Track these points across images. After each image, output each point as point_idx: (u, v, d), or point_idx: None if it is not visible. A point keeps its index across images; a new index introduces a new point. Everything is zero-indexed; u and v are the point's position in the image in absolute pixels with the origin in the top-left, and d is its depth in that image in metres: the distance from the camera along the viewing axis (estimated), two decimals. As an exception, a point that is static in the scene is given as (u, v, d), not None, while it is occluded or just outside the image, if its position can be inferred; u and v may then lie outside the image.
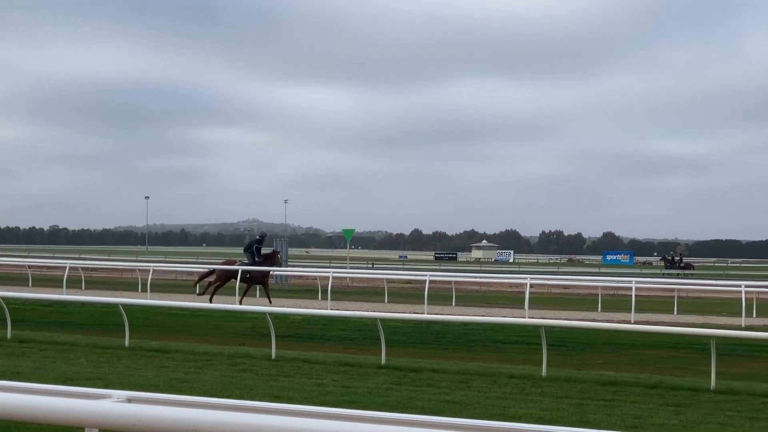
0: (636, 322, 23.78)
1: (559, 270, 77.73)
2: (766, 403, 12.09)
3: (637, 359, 17.40)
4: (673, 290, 33.63)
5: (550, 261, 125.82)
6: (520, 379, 13.68)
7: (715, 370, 13.42)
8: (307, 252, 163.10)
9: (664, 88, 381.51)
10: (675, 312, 28.67)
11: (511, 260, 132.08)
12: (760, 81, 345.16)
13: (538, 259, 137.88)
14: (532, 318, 23.13)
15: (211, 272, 30.48)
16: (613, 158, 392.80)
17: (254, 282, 29.74)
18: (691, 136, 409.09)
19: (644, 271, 76.74)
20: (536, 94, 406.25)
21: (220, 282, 29.09)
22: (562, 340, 18.86)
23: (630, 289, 28.99)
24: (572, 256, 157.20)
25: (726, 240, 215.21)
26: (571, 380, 13.72)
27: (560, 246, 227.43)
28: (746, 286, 28.65)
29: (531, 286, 29.48)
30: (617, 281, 38.69)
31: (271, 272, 31.81)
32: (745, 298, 26.68)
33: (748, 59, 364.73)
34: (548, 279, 42.64)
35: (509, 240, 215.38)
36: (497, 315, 24.86)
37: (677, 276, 60.69)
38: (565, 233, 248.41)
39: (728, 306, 30.61)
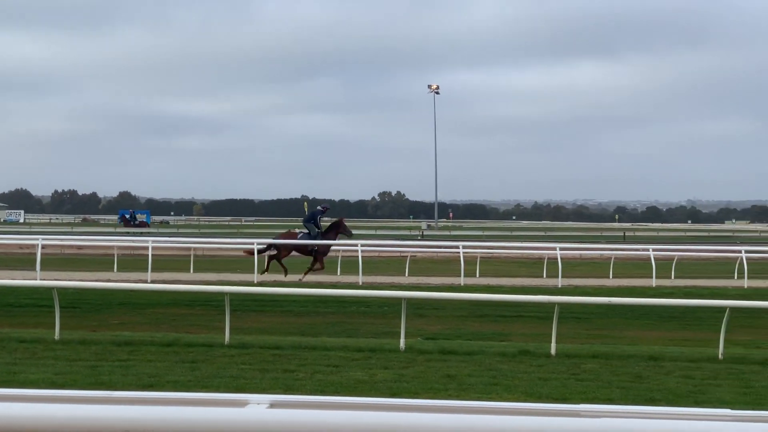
0: (153, 281, 23.83)
1: (74, 230, 75.81)
2: (276, 355, 12.64)
3: (154, 318, 17.43)
4: (189, 249, 34.14)
5: (64, 221, 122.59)
6: (31, 344, 13.09)
7: (230, 325, 13.79)
8: None
9: (178, 48, 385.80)
10: (191, 270, 29.16)
11: (22, 220, 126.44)
12: (268, 45, 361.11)
13: (51, 219, 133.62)
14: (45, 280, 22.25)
15: (269, 247, 28.98)
16: (129, 117, 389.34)
17: (322, 254, 28.37)
18: (206, 97, 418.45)
19: (161, 230, 77.26)
20: (50, 47, 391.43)
21: (284, 255, 28.23)
22: (77, 301, 18.36)
23: (147, 248, 28.89)
24: (87, 216, 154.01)
25: (240, 199, 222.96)
26: (86, 342, 13.38)
27: (74, 206, 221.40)
28: (258, 243, 29.89)
29: (43, 247, 28.33)
30: (132, 241, 38.43)
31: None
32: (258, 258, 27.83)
33: (259, 23, 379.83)
34: (61, 240, 41.27)
35: (19, 199, 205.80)
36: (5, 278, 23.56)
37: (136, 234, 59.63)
38: (80, 192, 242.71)
39: (243, 264, 31.67)
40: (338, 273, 29.31)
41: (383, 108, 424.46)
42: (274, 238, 31.30)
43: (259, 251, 28.66)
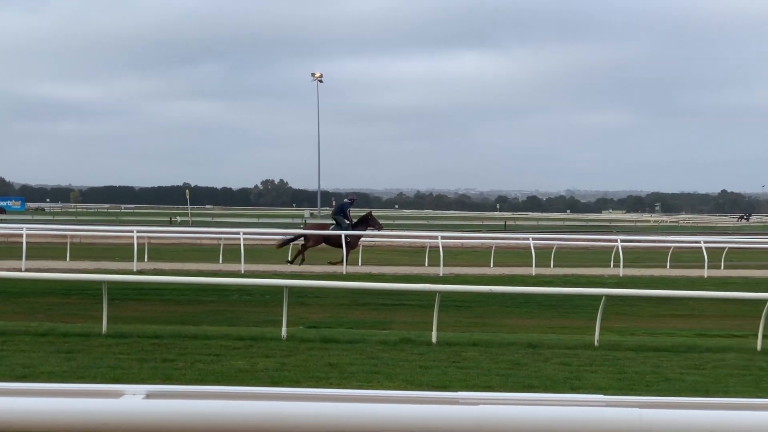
0: (27, 270, 23.17)
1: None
2: (155, 344, 12.44)
3: (28, 308, 16.96)
4: (66, 236, 33.30)
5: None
6: None
7: (107, 314, 13.51)
8: None
9: (54, 30, 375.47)
10: (68, 258, 28.47)
11: None
12: (149, 29, 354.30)
13: None
14: None
15: (298, 237, 29.63)
16: (2, 100, 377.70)
17: (352, 246, 28.58)
18: (83, 82, 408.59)
19: (36, 217, 75.22)
20: None
21: (311, 245, 28.73)
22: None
23: (21, 236, 28.08)
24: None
25: (119, 186, 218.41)
26: (-45, 333, 12.92)
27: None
28: (138, 231, 29.38)
29: None
30: (6, 228, 37.29)
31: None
32: (137, 243, 27.34)
33: (139, 6, 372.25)
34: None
35: None
36: None
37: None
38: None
39: (121, 251, 31.04)
40: (220, 261, 29.02)
41: (267, 95, 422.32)
42: (304, 230, 31.61)
43: (288, 241, 29.60)
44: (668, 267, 31.55)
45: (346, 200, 31.30)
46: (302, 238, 29.55)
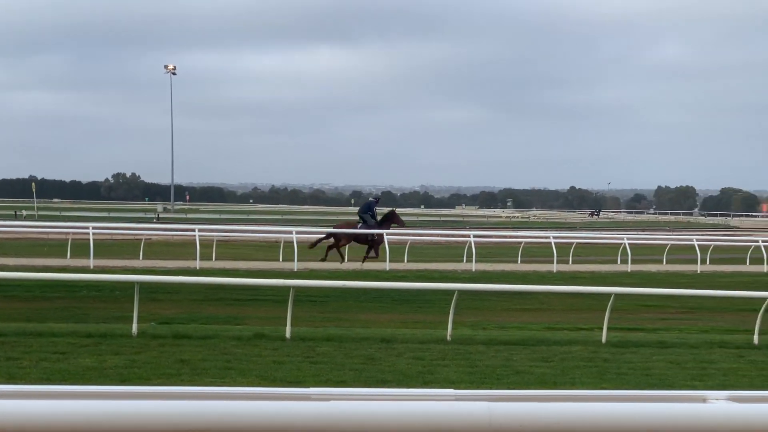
0: None
1: None
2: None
3: None
4: None
5: None
6: None
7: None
8: None
9: None
10: None
11: None
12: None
13: None
14: None
15: (329, 236, 30.32)
16: None
17: (378, 243, 29.53)
18: None
19: None
20: None
21: (343, 244, 29.88)
22: None
23: None
24: None
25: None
26: None
27: None
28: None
29: None
30: None
31: None
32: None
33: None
34: None
35: None
36: None
37: None
38: None
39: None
40: (68, 256, 28.20)
41: (120, 87, 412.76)
42: (333, 227, 32.50)
43: (318, 240, 30.61)
44: (519, 262, 32.29)
45: (371, 199, 34.04)
46: (331, 237, 30.63)
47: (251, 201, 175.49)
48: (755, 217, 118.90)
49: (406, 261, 30.86)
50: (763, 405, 3.14)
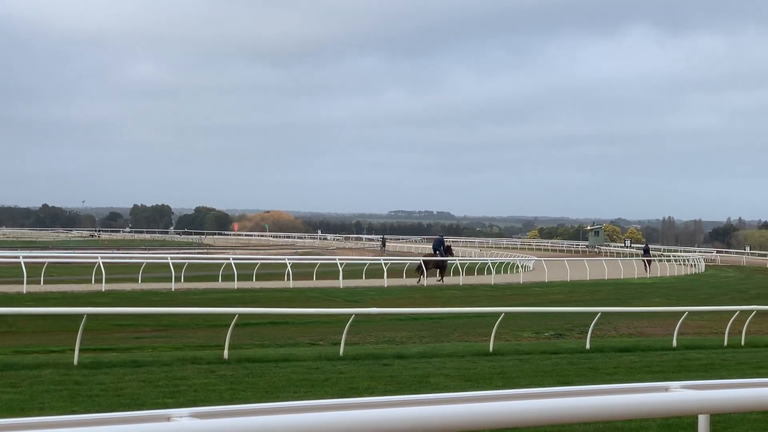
0: None
1: None
2: None
3: None
4: None
5: None
6: None
7: None
8: None
9: None
10: None
11: None
12: None
13: None
14: None
15: (424, 264, 41.44)
16: None
17: (445, 267, 42.80)
18: None
19: None
20: None
21: (429, 268, 41.37)
22: None
23: None
24: None
25: None
26: None
27: None
28: None
29: None
30: None
31: None
32: None
33: None
34: None
35: None
36: None
37: None
38: None
39: None
40: None
41: None
42: (424, 257, 44.19)
43: (419, 267, 41.04)
44: None
45: (439, 237, 48.81)
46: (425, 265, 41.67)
47: None
48: (227, 235, 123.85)
49: None
50: (222, 420, 3.24)
